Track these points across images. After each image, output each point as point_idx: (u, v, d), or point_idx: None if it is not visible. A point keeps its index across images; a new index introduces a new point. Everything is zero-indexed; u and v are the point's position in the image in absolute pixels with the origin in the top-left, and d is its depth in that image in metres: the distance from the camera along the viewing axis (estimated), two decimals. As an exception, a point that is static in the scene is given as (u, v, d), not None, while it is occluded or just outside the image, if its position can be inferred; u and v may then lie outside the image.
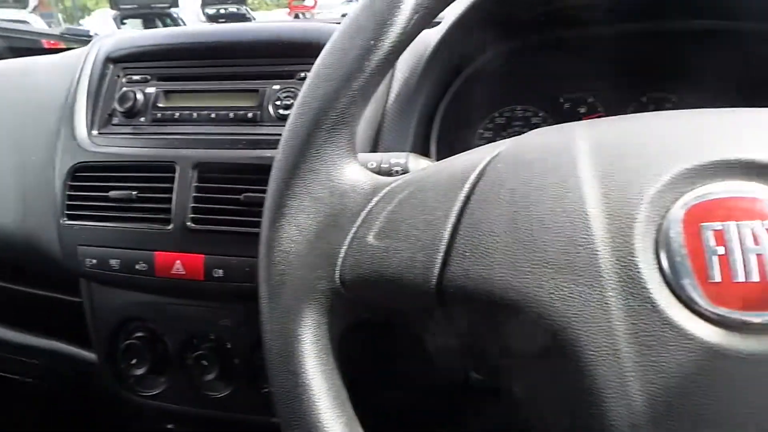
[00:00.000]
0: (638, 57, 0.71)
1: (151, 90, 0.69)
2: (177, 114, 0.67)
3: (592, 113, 0.75)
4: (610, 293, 0.29)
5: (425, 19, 0.37)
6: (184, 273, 0.64)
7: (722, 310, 0.28)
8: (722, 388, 0.27)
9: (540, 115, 0.76)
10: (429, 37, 0.64)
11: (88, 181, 0.68)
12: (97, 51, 0.73)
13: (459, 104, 0.70)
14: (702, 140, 0.32)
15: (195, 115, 0.67)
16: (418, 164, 0.47)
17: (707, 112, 0.37)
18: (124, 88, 0.70)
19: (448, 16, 0.63)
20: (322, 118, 0.36)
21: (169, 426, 0.98)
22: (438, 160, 0.69)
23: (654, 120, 0.36)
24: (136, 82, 0.70)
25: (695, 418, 0.28)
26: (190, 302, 0.69)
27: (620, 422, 0.28)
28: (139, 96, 0.68)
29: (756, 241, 0.29)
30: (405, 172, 0.45)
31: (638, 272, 0.29)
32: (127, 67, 0.71)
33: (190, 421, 0.95)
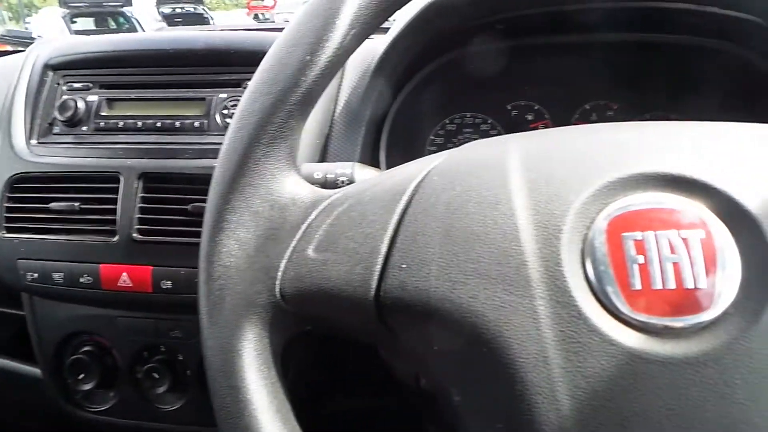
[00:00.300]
0: (581, 67, 0.74)
1: (93, 98, 0.67)
2: (121, 123, 0.66)
3: (539, 120, 0.78)
4: (539, 302, 0.30)
5: (362, 34, 0.38)
6: (131, 285, 0.63)
7: (642, 317, 0.30)
8: (644, 391, 0.29)
9: (489, 122, 0.78)
10: (377, 46, 0.65)
11: (27, 192, 0.66)
12: (35, 57, 0.70)
13: (408, 112, 0.71)
14: (624, 154, 0.33)
15: (140, 123, 0.66)
16: (363, 174, 0.47)
17: (631, 125, 0.38)
18: (65, 96, 0.68)
19: (396, 24, 0.64)
20: (260, 133, 0.36)
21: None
22: (388, 167, 0.70)
23: (581, 133, 0.37)
24: (77, 89, 0.68)
25: (620, 420, 0.29)
26: (139, 314, 0.68)
27: (549, 426, 0.29)
28: (81, 104, 0.67)
29: (672, 249, 0.30)
30: (351, 182, 0.46)
31: (565, 281, 0.30)
32: (68, 75, 0.69)
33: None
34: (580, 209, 0.32)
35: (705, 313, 0.29)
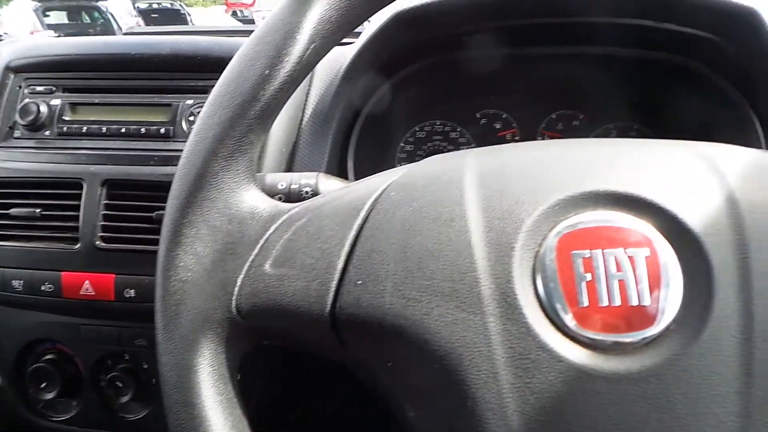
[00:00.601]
0: (549, 77, 0.75)
1: (56, 102, 0.66)
2: (84, 128, 0.65)
3: (507, 129, 0.79)
4: (491, 319, 0.31)
5: (323, 48, 0.38)
6: (93, 294, 0.62)
7: (589, 333, 0.31)
8: (590, 407, 0.30)
9: (458, 130, 0.79)
10: (346, 53, 0.65)
11: (-14, 197, 0.64)
12: (-4, 59, 0.69)
13: (377, 119, 0.72)
14: (575, 172, 0.34)
15: (104, 129, 0.65)
16: (328, 185, 0.47)
17: (584, 143, 0.39)
18: (27, 100, 0.66)
19: (363, 34, 0.64)
20: (218, 147, 0.36)
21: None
22: (356, 176, 0.70)
23: (537, 150, 0.38)
24: (40, 93, 0.67)
25: None
26: (103, 322, 0.67)
27: None
28: (43, 108, 0.65)
29: (618, 267, 0.31)
30: (315, 193, 0.46)
31: (516, 298, 0.31)
32: (30, 77, 0.68)
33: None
34: (531, 227, 0.32)
35: (648, 330, 0.30)
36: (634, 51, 0.69)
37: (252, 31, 0.39)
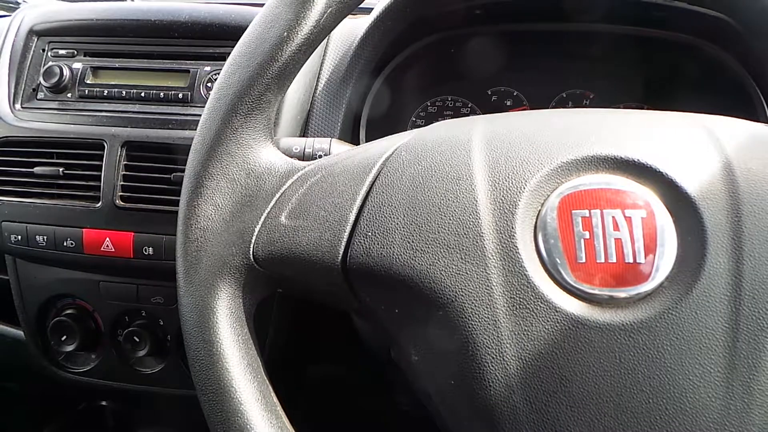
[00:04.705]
0: (560, 56, 0.76)
1: (78, 66, 0.68)
2: (105, 91, 0.67)
3: (518, 106, 0.80)
4: (493, 271, 0.33)
5: (340, 12, 0.39)
6: (113, 250, 0.64)
7: (586, 287, 0.33)
8: (583, 354, 0.32)
9: (469, 106, 0.80)
10: (360, 25, 0.66)
11: (11, 156, 0.66)
12: (20, 22, 0.70)
13: (389, 92, 0.73)
14: (578, 137, 0.36)
15: (124, 93, 0.66)
16: (340, 149, 0.49)
17: (588, 111, 0.41)
18: (50, 63, 0.68)
19: (378, 5, 0.65)
20: (238, 104, 0.37)
21: (103, 402, 0.98)
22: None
23: (542, 117, 0.40)
24: (62, 56, 0.69)
25: (560, 379, 0.32)
26: (121, 279, 0.69)
27: (497, 383, 0.32)
28: (66, 71, 0.67)
29: (616, 227, 0.33)
30: None
31: (517, 253, 0.33)
32: (53, 41, 0.70)
33: (123, 397, 0.96)
34: (534, 187, 0.34)
35: (642, 286, 0.32)
36: (645, 30, 0.70)
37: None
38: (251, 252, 0.37)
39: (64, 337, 0.71)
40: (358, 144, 0.72)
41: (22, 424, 0.97)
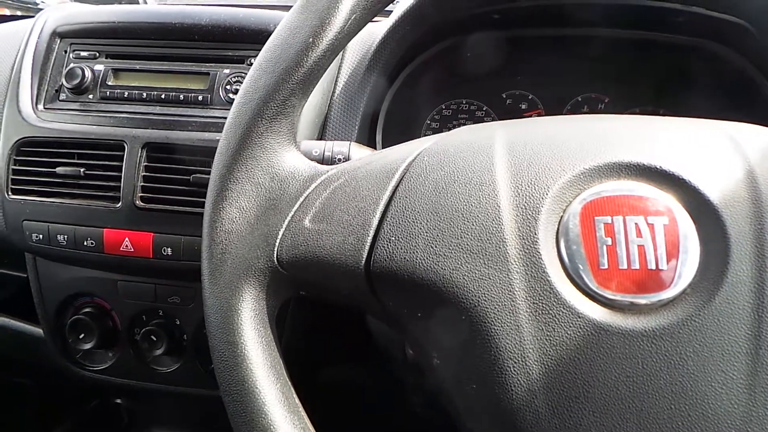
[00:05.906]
0: (575, 60, 0.76)
1: (99, 67, 0.69)
2: (126, 93, 0.68)
3: (533, 110, 0.80)
4: (515, 276, 0.33)
5: (363, 19, 0.40)
6: (132, 250, 0.65)
7: (608, 293, 0.33)
8: (605, 360, 0.32)
9: (484, 109, 0.81)
10: (377, 30, 0.66)
11: (34, 156, 0.68)
12: (43, 24, 0.72)
13: (406, 96, 0.73)
14: (601, 143, 0.36)
15: (144, 95, 0.67)
16: (359, 153, 0.49)
17: (610, 117, 0.41)
18: (72, 64, 0.69)
19: (396, 11, 0.65)
20: (263, 108, 0.38)
21: (118, 400, 0.99)
22: (384, 148, 0.72)
23: (564, 123, 0.40)
24: (84, 58, 0.70)
25: (582, 385, 0.32)
26: (139, 279, 0.70)
27: (519, 388, 0.32)
28: (88, 73, 0.68)
29: (639, 233, 0.33)
30: (347, 160, 0.48)
31: (540, 258, 0.33)
32: (75, 43, 0.71)
33: (139, 396, 0.97)
34: (557, 193, 0.34)
35: (664, 292, 0.32)
36: (660, 35, 0.70)
37: (289, 6, 0.41)
38: (275, 255, 0.37)
39: (82, 335, 0.72)
40: (375, 147, 0.73)
41: (36, 420, 0.99)
